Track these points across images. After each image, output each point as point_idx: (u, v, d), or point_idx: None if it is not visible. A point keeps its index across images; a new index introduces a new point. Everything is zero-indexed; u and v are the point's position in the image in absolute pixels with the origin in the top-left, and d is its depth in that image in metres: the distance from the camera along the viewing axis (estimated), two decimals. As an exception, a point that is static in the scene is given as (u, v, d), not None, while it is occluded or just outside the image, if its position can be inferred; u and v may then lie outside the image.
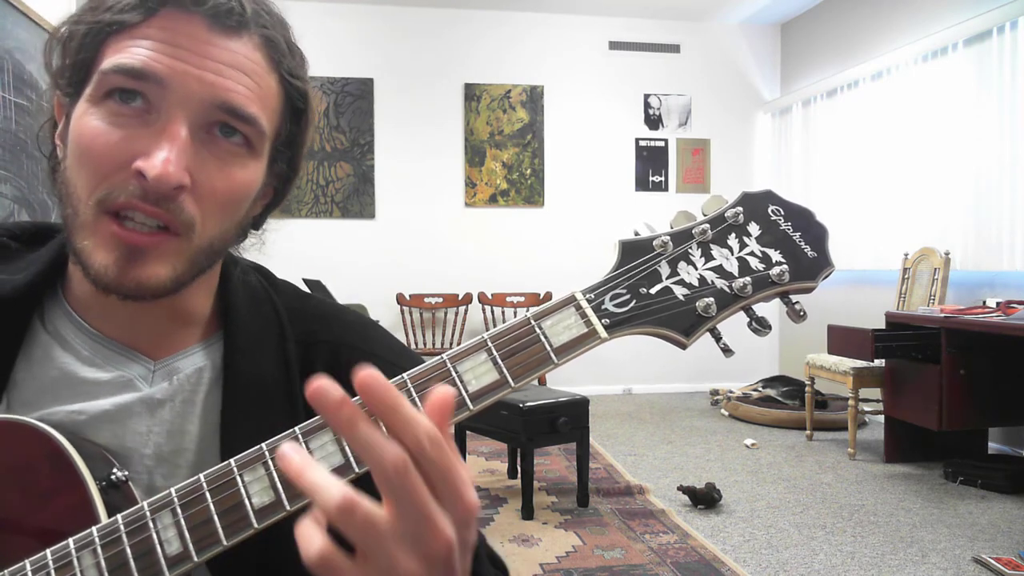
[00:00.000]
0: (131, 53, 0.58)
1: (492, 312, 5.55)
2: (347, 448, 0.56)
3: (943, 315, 3.36)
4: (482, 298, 5.51)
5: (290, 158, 0.70)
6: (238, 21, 0.60)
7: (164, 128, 0.58)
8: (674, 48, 5.99)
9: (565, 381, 5.01)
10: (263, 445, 0.56)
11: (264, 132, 0.63)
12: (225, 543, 0.54)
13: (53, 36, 0.64)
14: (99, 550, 0.55)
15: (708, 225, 0.62)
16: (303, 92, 0.67)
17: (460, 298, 5.51)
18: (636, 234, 0.61)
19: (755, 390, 5.14)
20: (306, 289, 0.89)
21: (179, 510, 0.55)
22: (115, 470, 0.61)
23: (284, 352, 0.70)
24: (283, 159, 0.69)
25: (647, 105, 5.98)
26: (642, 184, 5.97)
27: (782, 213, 0.63)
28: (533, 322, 0.58)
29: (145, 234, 0.59)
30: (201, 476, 0.56)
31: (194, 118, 0.59)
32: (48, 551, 0.56)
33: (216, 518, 0.55)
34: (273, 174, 0.69)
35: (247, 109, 0.61)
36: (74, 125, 0.61)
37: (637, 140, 5.97)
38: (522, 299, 5.52)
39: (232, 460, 0.56)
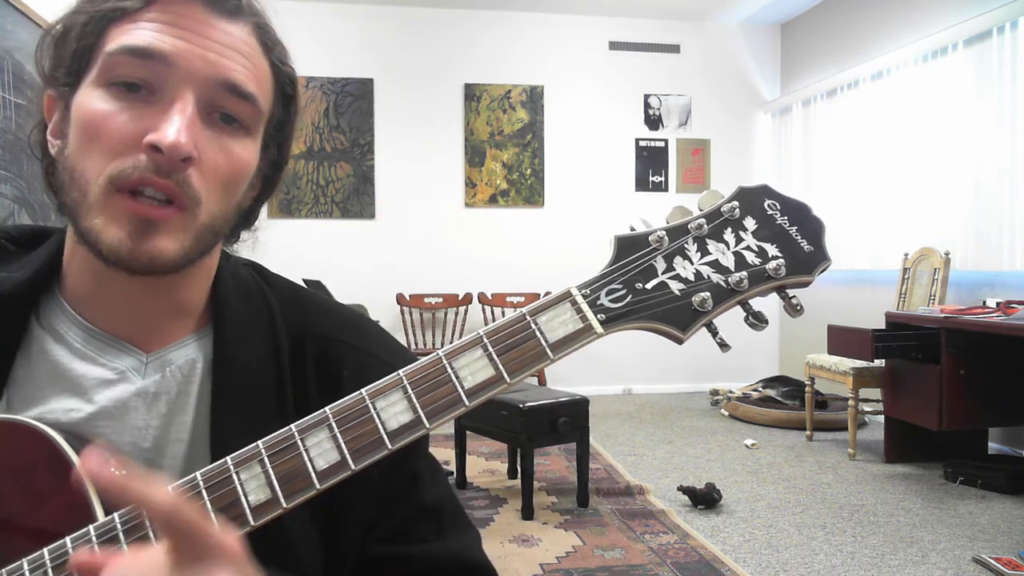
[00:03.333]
0: (136, 35, 0.60)
1: (492, 312, 5.54)
2: (343, 446, 0.56)
3: (943, 315, 3.36)
4: (482, 298, 5.51)
5: (280, 143, 0.72)
6: (235, 6, 0.63)
7: (172, 103, 0.60)
8: (674, 48, 5.99)
9: (565, 381, 5.01)
10: (259, 443, 0.56)
11: (262, 110, 0.66)
12: (221, 540, 0.54)
13: (47, 33, 0.64)
14: (96, 548, 0.55)
15: (704, 220, 0.62)
16: (292, 78, 0.70)
17: (460, 298, 5.51)
18: (632, 230, 0.61)
19: (755, 390, 5.14)
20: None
21: (175, 507, 0.55)
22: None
23: (275, 343, 0.71)
24: (274, 144, 0.71)
25: (647, 105, 5.98)
26: (642, 184, 5.96)
27: (778, 208, 0.63)
28: (529, 318, 0.58)
29: (156, 207, 0.60)
30: (198, 474, 0.56)
31: (199, 95, 0.61)
32: (45, 550, 0.56)
33: (212, 515, 0.55)
34: (265, 160, 0.70)
35: (247, 87, 0.63)
36: (78, 110, 0.61)
37: (637, 140, 5.97)
38: (522, 299, 5.51)
39: (228, 458, 0.56)
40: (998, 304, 3.32)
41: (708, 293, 0.59)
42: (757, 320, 0.61)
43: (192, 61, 0.60)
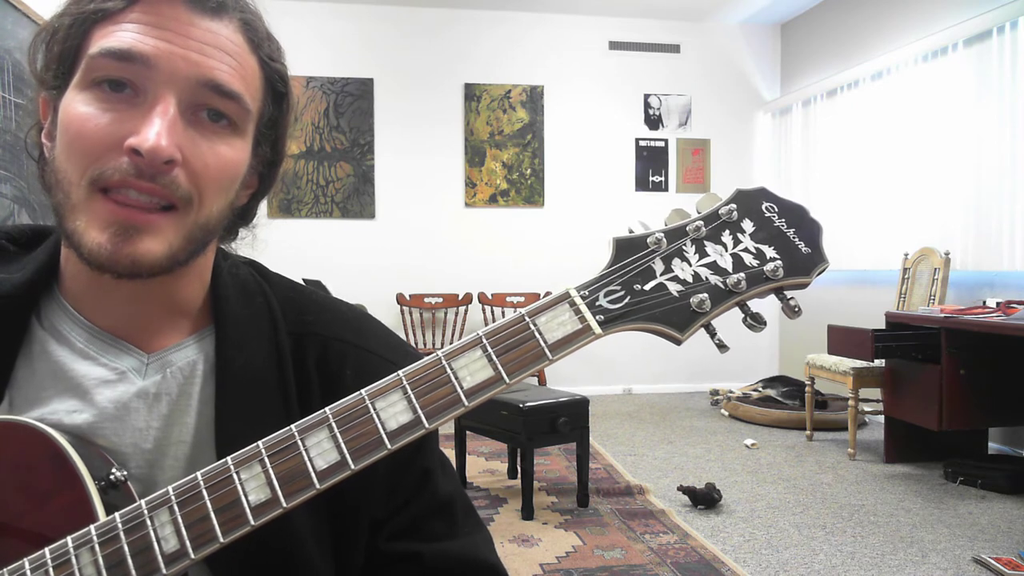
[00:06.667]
0: (117, 37, 0.59)
1: (492, 312, 5.55)
2: (343, 446, 0.56)
3: (943, 315, 3.36)
4: (482, 298, 5.52)
5: (274, 141, 0.71)
6: (219, 3, 0.62)
7: (153, 106, 0.59)
8: (674, 48, 5.99)
9: (565, 381, 5.02)
10: (259, 443, 0.57)
11: (249, 109, 0.64)
12: (222, 540, 0.55)
13: (38, 36, 0.64)
14: (97, 548, 0.55)
15: (702, 222, 0.62)
16: (283, 75, 0.69)
17: (460, 298, 5.51)
18: (630, 232, 0.61)
19: (755, 390, 5.14)
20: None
21: (176, 508, 0.55)
22: (114, 469, 0.61)
23: (276, 343, 0.71)
24: (267, 142, 0.70)
25: (647, 105, 5.98)
26: (642, 184, 5.97)
27: (776, 210, 0.63)
28: (528, 319, 0.58)
29: (141, 211, 0.59)
30: (198, 474, 0.56)
31: (181, 96, 0.60)
32: (47, 549, 0.56)
33: (213, 515, 0.55)
34: (258, 158, 0.69)
35: (232, 86, 0.62)
36: (63, 112, 0.61)
37: (637, 140, 5.97)
38: (522, 299, 5.51)
39: (229, 458, 0.57)
40: (998, 304, 3.32)
41: (706, 294, 0.59)
42: (755, 321, 0.61)
43: (174, 62, 0.59)
